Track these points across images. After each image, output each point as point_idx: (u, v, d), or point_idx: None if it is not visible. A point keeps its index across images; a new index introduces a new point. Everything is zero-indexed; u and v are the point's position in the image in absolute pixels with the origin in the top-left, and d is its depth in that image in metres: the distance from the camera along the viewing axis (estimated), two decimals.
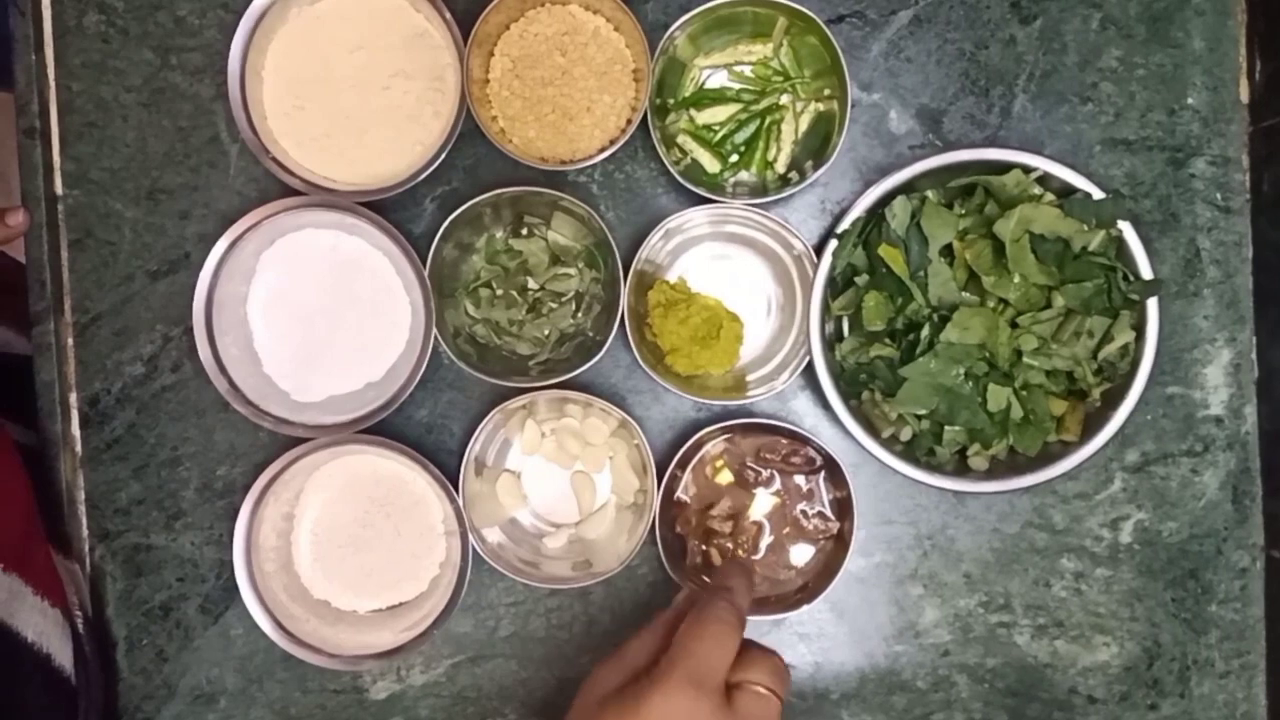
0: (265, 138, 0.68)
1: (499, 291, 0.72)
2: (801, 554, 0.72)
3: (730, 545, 0.72)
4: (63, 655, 0.65)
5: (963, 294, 0.66)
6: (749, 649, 0.53)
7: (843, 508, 0.70)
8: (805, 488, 0.71)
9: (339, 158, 0.69)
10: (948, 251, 0.66)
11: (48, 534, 0.70)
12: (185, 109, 0.72)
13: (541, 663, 0.73)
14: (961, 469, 0.68)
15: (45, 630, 0.64)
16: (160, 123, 0.72)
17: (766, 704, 0.51)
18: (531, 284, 0.72)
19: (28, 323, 0.72)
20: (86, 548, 0.72)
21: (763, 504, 0.72)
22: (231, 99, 0.67)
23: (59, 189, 0.72)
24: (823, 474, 0.71)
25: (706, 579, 0.71)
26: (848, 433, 0.67)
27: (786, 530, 0.71)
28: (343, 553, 0.71)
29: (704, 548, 0.72)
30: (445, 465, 0.70)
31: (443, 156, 0.67)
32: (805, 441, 0.69)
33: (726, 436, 0.71)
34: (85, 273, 0.72)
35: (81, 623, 0.69)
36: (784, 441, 0.70)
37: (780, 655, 0.53)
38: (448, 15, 0.67)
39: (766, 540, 0.72)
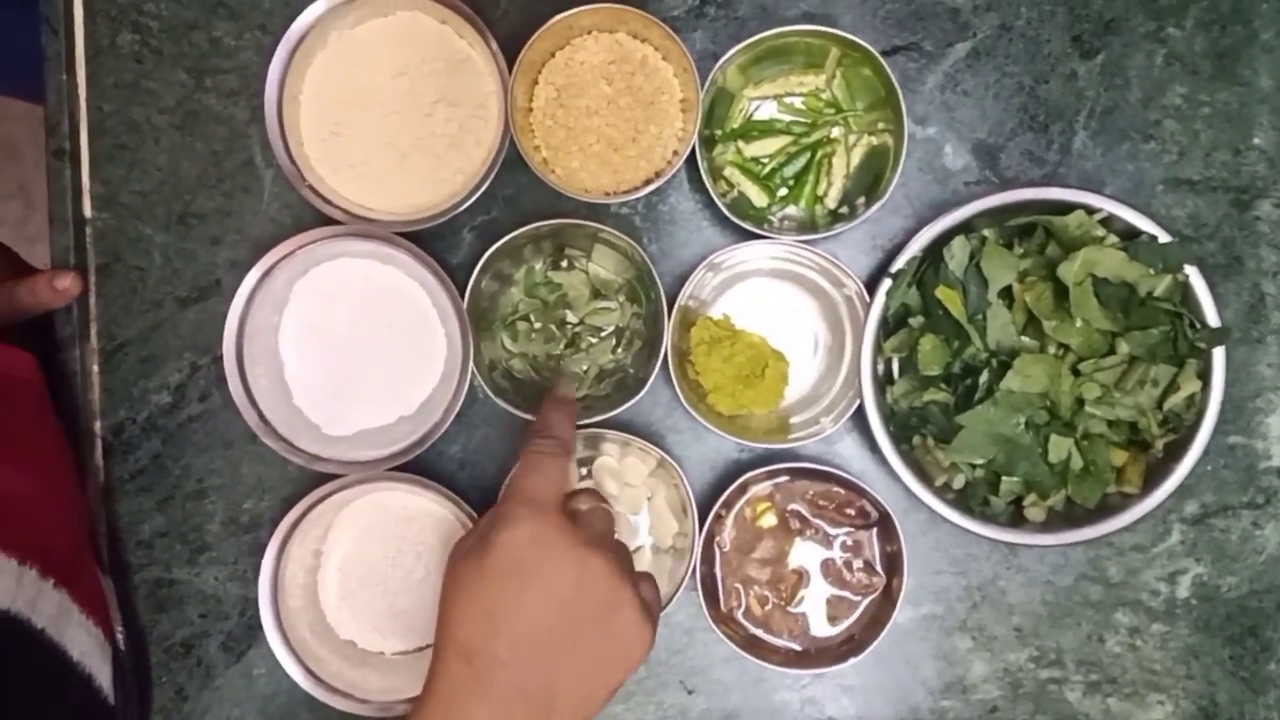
0: (302, 164, 0.66)
1: (537, 325, 0.70)
2: (844, 607, 0.69)
3: (768, 593, 0.69)
4: (103, 676, 0.63)
5: (1021, 338, 0.64)
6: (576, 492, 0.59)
7: (893, 563, 0.67)
8: (853, 540, 0.69)
9: (377, 185, 0.67)
10: (1006, 294, 0.64)
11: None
12: (219, 132, 0.70)
13: None
14: (1016, 519, 0.65)
15: (89, 650, 0.63)
16: (193, 146, 0.70)
17: (600, 512, 0.56)
18: (571, 318, 0.70)
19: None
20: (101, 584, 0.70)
21: (803, 552, 0.69)
22: (268, 123, 0.65)
23: (88, 212, 0.70)
24: (875, 528, 0.69)
25: (747, 625, 0.69)
26: (898, 479, 0.65)
27: (829, 581, 0.69)
28: (371, 592, 0.69)
29: (744, 593, 0.69)
30: (478, 503, 0.67)
31: (484, 187, 0.65)
32: (861, 493, 0.67)
33: (774, 480, 0.69)
34: (113, 298, 0.70)
35: (124, 641, 0.67)
36: (839, 491, 0.68)
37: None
38: (493, 42, 0.65)
39: (806, 590, 0.69)
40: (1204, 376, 0.63)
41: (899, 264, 0.65)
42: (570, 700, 0.50)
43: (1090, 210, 0.64)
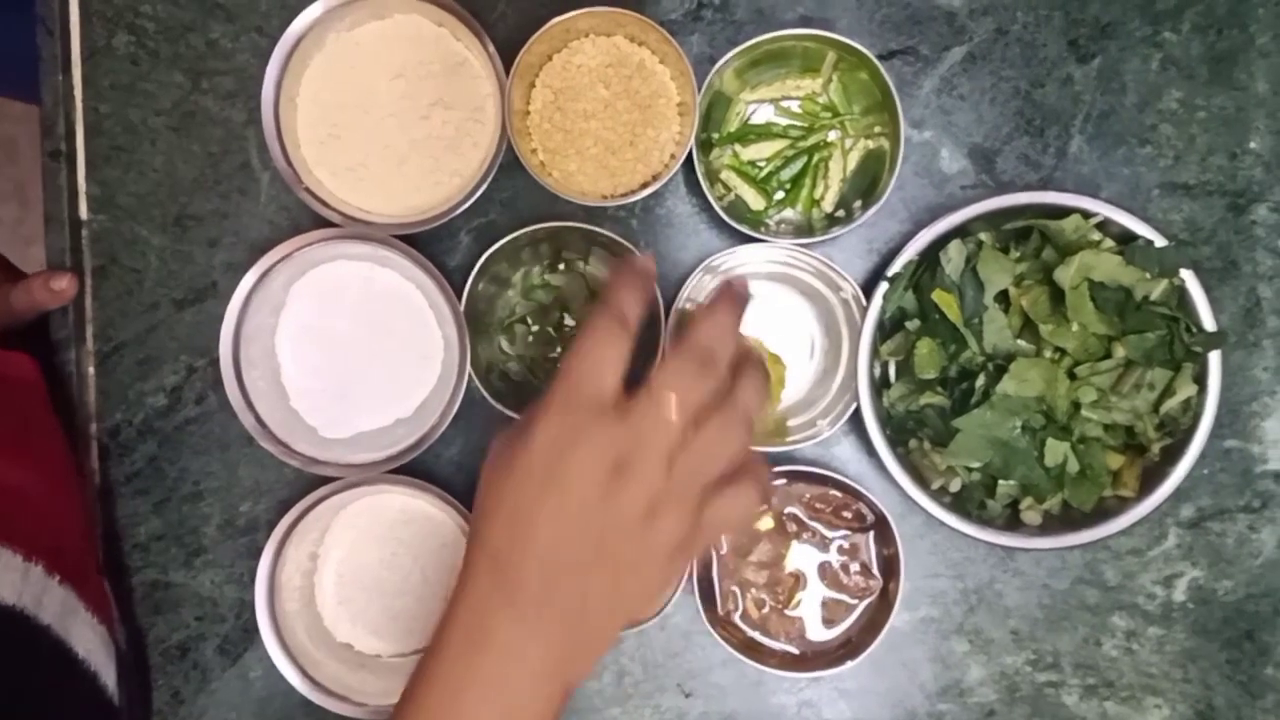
0: (299, 166, 0.66)
1: (535, 328, 0.70)
2: (841, 610, 0.69)
3: (765, 596, 0.69)
4: (107, 674, 0.63)
5: (1018, 342, 0.64)
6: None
7: (889, 566, 0.67)
8: (850, 543, 0.69)
9: (374, 188, 0.67)
10: (1003, 298, 0.64)
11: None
12: (216, 134, 0.70)
13: (569, 714, 0.71)
14: (1013, 523, 0.65)
15: (94, 648, 0.62)
16: (190, 148, 0.70)
17: (658, 404, 0.45)
18: (568, 321, 0.70)
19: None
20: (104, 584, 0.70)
21: (800, 555, 0.69)
22: (265, 126, 0.65)
23: (84, 213, 0.70)
24: (871, 531, 0.69)
25: (744, 628, 0.69)
26: (894, 482, 0.65)
27: (825, 584, 0.69)
28: (368, 595, 0.69)
29: (741, 596, 0.69)
30: None
31: (481, 189, 0.65)
32: (858, 496, 0.67)
33: (771, 483, 0.69)
34: (109, 300, 0.70)
35: (125, 641, 0.67)
36: (836, 494, 0.68)
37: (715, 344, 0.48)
38: (490, 45, 0.65)
39: (803, 593, 0.69)
40: (1200, 380, 0.63)
41: (895, 267, 0.65)
42: (604, 606, 0.46)
43: (1086, 214, 0.64)
